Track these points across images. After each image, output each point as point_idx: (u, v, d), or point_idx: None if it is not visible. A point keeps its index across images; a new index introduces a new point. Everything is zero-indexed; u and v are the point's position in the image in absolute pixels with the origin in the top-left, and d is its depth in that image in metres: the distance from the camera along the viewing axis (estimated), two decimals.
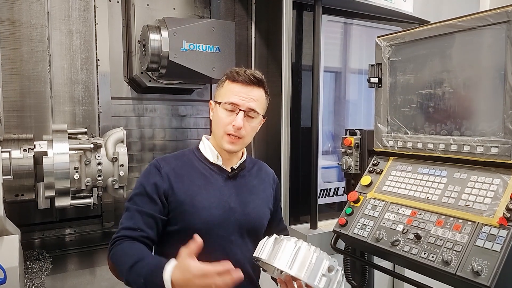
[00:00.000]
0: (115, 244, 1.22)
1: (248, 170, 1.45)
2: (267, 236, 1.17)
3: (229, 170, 1.38)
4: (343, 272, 1.10)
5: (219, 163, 1.38)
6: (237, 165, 1.40)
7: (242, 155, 1.45)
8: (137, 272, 1.09)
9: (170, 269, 1.01)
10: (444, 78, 1.45)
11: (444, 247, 1.24)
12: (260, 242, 1.17)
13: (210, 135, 1.44)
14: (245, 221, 1.34)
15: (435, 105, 1.48)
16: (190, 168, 1.34)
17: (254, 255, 1.16)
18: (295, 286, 1.21)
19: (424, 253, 1.27)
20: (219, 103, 1.32)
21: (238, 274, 0.98)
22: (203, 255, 1.15)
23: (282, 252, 1.07)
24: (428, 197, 1.40)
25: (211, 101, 1.40)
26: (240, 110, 1.29)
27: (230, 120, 1.29)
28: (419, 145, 1.50)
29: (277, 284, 1.28)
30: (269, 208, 1.48)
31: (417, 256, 1.28)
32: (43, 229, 2.57)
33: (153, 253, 1.29)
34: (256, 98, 1.32)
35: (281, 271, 1.12)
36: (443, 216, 1.31)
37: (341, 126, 2.82)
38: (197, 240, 1.00)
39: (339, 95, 2.81)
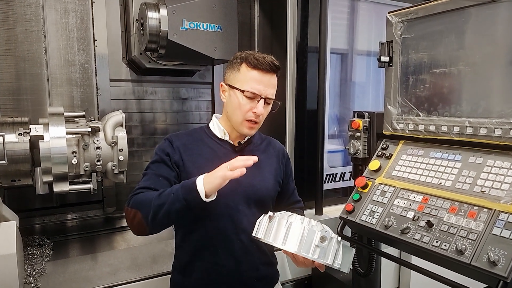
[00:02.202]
0: (131, 197, 1.30)
1: (256, 145, 1.51)
2: (263, 215, 1.26)
3: (237, 145, 1.46)
4: (339, 238, 1.15)
5: (226, 138, 1.45)
6: (245, 139, 1.47)
7: None
8: (165, 194, 1.21)
9: (201, 176, 1.20)
10: (460, 56, 1.35)
11: (458, 236, 1.17)
12: (257, 221, 1.26)
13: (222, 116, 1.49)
14: (252, 193, 1.41)
15: (450, 85, 1.39)
16: (199, 143, 1.44)
17: (252, 234, 1.24)
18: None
19: (436, 242, 1.20)
20: (242, 91, 1.34)
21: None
22: (212, 222, 1.35)
23: (276, 230, 1.15)
24: (440, 183, 1.33)
25: (222, 82, 1.43)
26: (261, 98, 1.35)
27: (251, 107, 1.35)
28: (432, 128, 1.42)
29: None
30: (277, 181, 1.52)
31: (428, 245, 1.22)
32: (43, 214, 2.54)
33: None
34: (273, 85, 1.39)
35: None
36: (456, 203, 1.24)
37: (346, 109, 2.73)
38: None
39: (345, 77, 2.72)
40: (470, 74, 1.32)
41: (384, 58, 1.55)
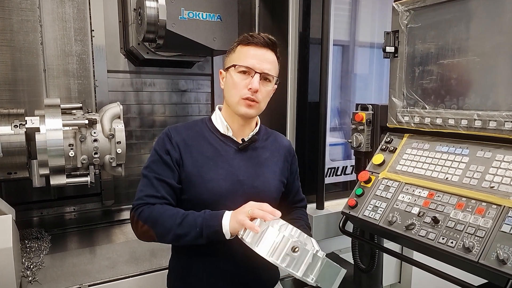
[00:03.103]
0: (143, 209, 1.23)
1: (261, 142, 1.42)
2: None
3: (240, 142, 1.36)
4: (320, 254, 1.09)
5: (229, 134, 1.36)
6: (249, 137, 1.38)
7: (256, 125, 1.43)
8: (187, 223, 1.18)
9: (229, 212, 1.18)
10: (469, 46, 1.30)
11: (465, 232, 1.13)
12: None
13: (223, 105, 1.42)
14: (254, 194, 1.31)
15: (458, 76, 1.34)
16: (200, 139, 1.34)
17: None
18: None
19: (443, 238, 1.17)
20: (234, 66, 1.28)
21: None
22: None
23: (253, 232, 1.13)
24: (447, 178, 1.29)
25: (221, 69, 1.37)
26: (256, 72, 1.26)
27: (246, 84, 1.27)
28: (438, 121, 1.37)
29: None
30: (282, 181, 1.44)
31: (434, 242, 1.18)
32: (41, 207, 2.51)
33: None
34: (270, 61, 1.30)
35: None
36: (464, 199, 1.20)
37: (348, 101, 2.68)
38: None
39: (346, 69, 2.66)
40: (479, 65, 1.28)
41: (390, 49, 1.50)
